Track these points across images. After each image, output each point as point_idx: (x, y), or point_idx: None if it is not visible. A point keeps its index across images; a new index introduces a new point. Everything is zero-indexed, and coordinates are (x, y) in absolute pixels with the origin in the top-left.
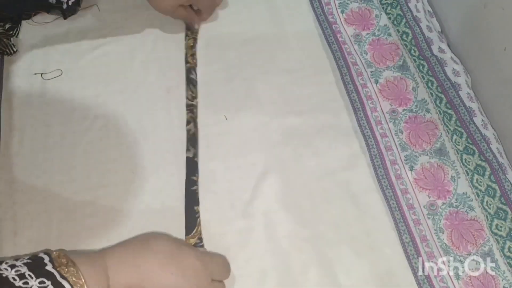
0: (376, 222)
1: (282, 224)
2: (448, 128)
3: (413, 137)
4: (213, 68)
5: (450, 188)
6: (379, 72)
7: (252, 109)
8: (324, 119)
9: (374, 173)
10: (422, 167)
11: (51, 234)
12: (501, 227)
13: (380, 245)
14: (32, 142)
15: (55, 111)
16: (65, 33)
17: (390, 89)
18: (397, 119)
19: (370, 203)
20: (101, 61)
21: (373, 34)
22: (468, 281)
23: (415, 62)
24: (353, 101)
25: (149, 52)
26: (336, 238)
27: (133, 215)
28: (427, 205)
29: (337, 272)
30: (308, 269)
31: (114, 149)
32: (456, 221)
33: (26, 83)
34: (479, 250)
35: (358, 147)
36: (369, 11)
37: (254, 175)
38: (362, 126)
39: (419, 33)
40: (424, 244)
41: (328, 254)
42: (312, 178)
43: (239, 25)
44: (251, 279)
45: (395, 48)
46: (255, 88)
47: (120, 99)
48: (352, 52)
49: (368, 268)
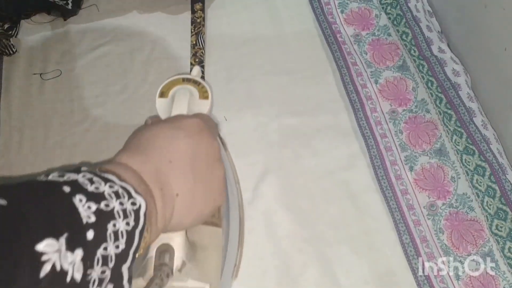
0: (376, 222)
1: (281, 224)
2: (448, 129)
3: (413, 137)
4: (213, 68)
5: (450, 188)
6: (379, 72)
7: (252, 109)
8: (323, 119)
9: (374, 174)
10: (422, 167)
11: None
12: (501, 227)
13: (380, 245)
14: (32, 143)
15: (55, 112)
16: (64, 34)
17: (390, 89)
18: (397, 119)
19: (370, 203)
20: (101, 61)
21: (372, 34)
22: (468, 281)
23: (415, 62)
24: (352, 102)
25: (149, 52)
26: (336, 238)
27: None
28: (427, 205)
29: (336, 272)
30: (307, 269)
31: (113, 150)
32: (456, 222)
33: (25, 83)
34: (479, 250)
35: (358, 147)
36: (368, 11)
37: (254, 175)
38: (361, 126)
39: (419, 33)
40: (424, 245)
41: (327, 254)
42: (312, 179)
43: (239, 25)
44: (251, 278)
45: (395, 48)
46: (255, 89)
47: (120, 99)
48: (351, 52)
49: (367, 268)
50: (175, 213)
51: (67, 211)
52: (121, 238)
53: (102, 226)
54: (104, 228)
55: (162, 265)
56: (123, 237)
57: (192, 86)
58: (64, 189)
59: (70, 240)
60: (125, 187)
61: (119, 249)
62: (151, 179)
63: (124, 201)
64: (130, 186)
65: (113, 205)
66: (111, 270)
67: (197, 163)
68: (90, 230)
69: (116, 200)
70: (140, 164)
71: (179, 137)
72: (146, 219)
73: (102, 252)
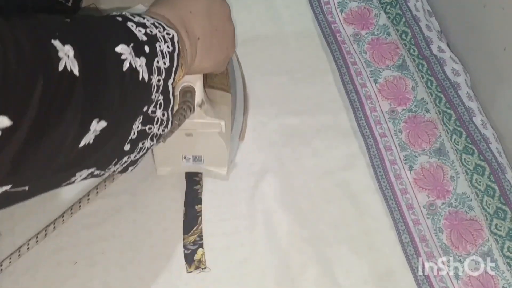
0: (375, 222)
1: (281, 223)
2: (447, 128)
3: (413, 137)
4: None
5: (450, 188)
6: (379, 71)
7: (252, 109)
8: (323, 119)
9: (374, 173)
10: (422, 167)
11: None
12: (501, 227)
13: (379, 245)
14: None
15: None
16: None
17: (389, 88)
18: (396, 118)
19: (369, 203)
20: None
21: (372, 34)
22: (467, 281)
23: (415, 62)
24: (352, 101)
25: None
26: (335, 238)
27: (134, 213)
28: (426, 205)
29: (336, 271)
30: (307, 268)
31: None
32: (456, 221)
33: None
34: (479, 250)
35: (357, 147)
36: (368, 10)
37: (253, 175)
38: (361, 126)
39: (419, 32)
40: (424, 244)
41: (327, 254)
42: (311, 178)
43: (238, 25)
44: (251, 278)
45: (394, 47)
46: (254, 88)
47: None
48: (351, 51)
49: (367, 268)
50: (198, 54)
51: (126, 30)
52: (166, 57)
53: (153, 44)
54: (154, 46)
55: (185, 102)
56: (167, 56)
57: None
58: (118, 18)
59: (136, 49)
60: (159, 22)
61: (166, 65)
62: (178, 23)
63: (161, 30)
64: (162, 21)
65: (155, 31)
66: (163, 82)
67: (212, 16)
68: (145, 46)
69: (156, 28)
70: (166, 11)
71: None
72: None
73: (156, 64)
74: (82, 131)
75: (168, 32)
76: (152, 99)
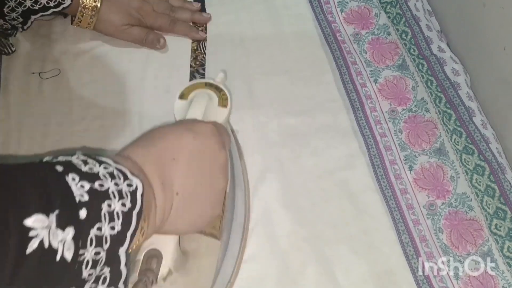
0: (375, 222)
1: (281, 223)
2: (447, 128)
3: (413, 136)
4: (212, 68)
5: (450, 188)
6: (379, 71)
7: (251, 109)
8: (323, 119)
9: (373, 173)
10: (422, 167)
11: None
12: (500, 227)
13: (379, 244)
14: (30, 142)
15: (53, 111)
16: (63, 32)
17: (389, 88)
18: (396, 118)
19: (369, 203)
20: (100, 60)
21: (372, 33)
22: (467, 281)
23: (415, 61)
24: (352, 101)
25: (148, 51)
26: (335, 238)
27: None
28: (426, 205)
29: (335, 271)
30: (306, 268)
31: (112, 150)
32: (456, 221)
33: (24, 83)
34: (479, 250)
35: (357, 147)
36: (368, 10)
37: (253, 175)
38: (361, 126)
39: (419, 32)
40: (423, 244)
41: (326, 254)
42: (311, 178)
43: (238, 25)
44: (250, 278)
45: (394, 47)
46: (254, 88)
47: (119, 99)
48: (351, 51)
49: (366, 268)
50: (173, 211)
51: (59, 189)
52: (117, 219)
53: (95, 206)
54: (98, 208)
55: (147, 271)
56: (119, 218)
57: (214, 91)
58: (57, 168)
59: (61, 218)
60: (121, 169)
61: (115, 231)
62: (153, 172)
63: (119, 182)
64: (126, 168)
65: (108, 185)
66: (106, 252)
67: (201, 167)
68: (83, 209)
69: (111, 180)
70: (142, 157)
71: (187, 137)
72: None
73: (96, 232)
74: None
75: (130, 183)
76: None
